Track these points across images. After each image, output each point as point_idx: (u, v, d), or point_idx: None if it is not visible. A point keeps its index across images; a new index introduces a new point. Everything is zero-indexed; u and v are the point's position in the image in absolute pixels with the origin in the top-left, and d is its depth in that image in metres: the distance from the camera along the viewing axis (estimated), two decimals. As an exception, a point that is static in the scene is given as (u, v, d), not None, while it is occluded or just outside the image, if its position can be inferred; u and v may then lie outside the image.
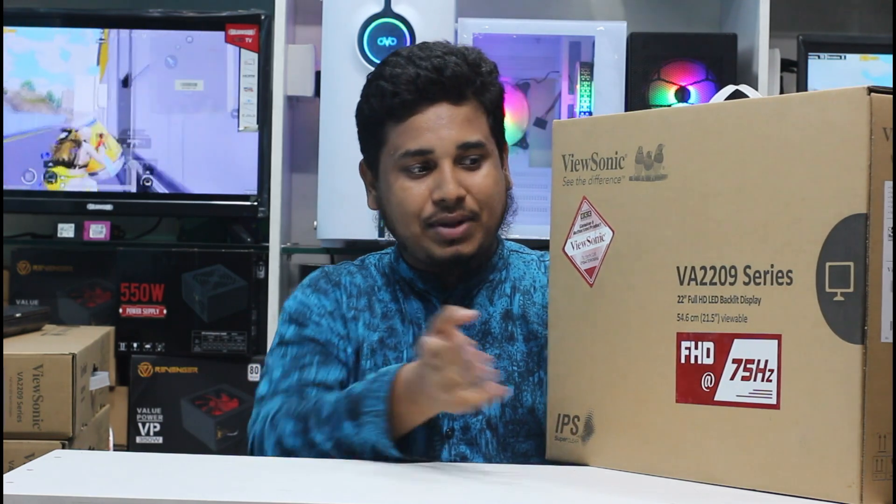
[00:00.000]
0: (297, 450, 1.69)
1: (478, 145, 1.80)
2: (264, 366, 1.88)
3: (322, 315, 1.86)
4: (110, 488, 1.41)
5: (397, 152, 1.80)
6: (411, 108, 1.79)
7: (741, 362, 1.47)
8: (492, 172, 1.82)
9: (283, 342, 1.86)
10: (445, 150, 1.79)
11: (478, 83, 1.81)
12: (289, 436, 1.70)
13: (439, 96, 1.79)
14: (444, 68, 1.78)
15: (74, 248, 3.49)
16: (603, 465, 1.61)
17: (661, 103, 3.29)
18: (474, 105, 1.82)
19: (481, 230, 1.82)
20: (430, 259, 1.83)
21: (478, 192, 1.80)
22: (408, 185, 1.81)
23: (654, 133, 1.56)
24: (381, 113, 1.81)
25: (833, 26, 3.68)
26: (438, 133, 1.79)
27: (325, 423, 1.67)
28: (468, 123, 1.80)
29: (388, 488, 1.48)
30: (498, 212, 1.84)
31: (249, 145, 3.42)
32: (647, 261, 1.54)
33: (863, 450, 1.35)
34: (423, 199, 1.80)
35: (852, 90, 1.38)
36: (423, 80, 1.78)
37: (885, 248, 1.36)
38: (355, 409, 1.64)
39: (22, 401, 2.48)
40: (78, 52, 3.45)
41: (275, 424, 1.73)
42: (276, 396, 1.79)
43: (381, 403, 1.62)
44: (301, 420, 1.70)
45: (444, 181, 1.78)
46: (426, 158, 1.79)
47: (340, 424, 1.65)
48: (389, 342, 1.85)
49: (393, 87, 1.79)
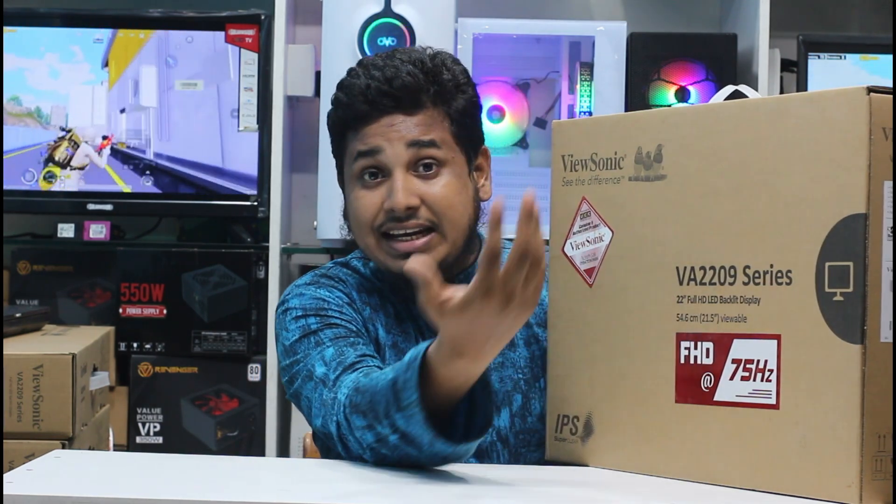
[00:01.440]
0: (374, 445, 1.54)
1: (431, 144, 1.76)
2: (292, 362, 1.74)
3: (341, 306, 1.78)
4: (110, 488, 1.41)
5: (351, 157, 1.78)
6: (365, 119, 1.76)
7: (741, 362, 1.47)
8: (451, 182, 1.77)
9: (309, 332, 1.74)
10: (396, 153, 1.75)
11: (431, 91, 1.77)
12: (362, 430, 1.56)
13: (391, 107, 1.76)
14: (395, 79, 1.75)
15: (74, 248, 3.50)
16: (603, 466, 1.61)
17: (661, 103, 3.29)
18: (431, 112, 1.77)
19: (444, 243, 1.76)
20: (388, 271, 1.79)
21: (433, 201, 1.75)
22: (361, 193, 1.78)
23: (654, 133, 1.56)
24: (339, 124, 1.80)
25: (833, 26, 3.68)
26: (387, 135, 1.76)
27: (384, 416, 1.52)
28: (423, 126, 1.76)
29: (388, 488, 1.48)
30: (462, 222, 1.78)
31: (249, 145, 3.43)
32: (646, 261, 1.54)
33: (862, 450, 1.35)
34: (376, 209, 1.76)
35: (852, 90, 1.38)
36: (374, 90, 1.75)
37: (884, 248, 1.36)
38: (399, 402, 1.49)
39: (22, 401, 2.48)
40: (79, 51, 3.46)
41: (349, 420, 1.59)
42: (345, 375, 1.65)
43: (413, 393, 1.47)
44: (363, 414, 1.55)
45: (394, 189, 1.74)
46: (377, 161, 1.76)
47: (393, 416, 1.50)
48: (404, 346, 1.81)
49: (347, 99, 1.78)
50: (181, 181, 3.44)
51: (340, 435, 1.61)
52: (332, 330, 1.73)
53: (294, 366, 1.74)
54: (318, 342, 1.72)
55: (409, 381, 1.47)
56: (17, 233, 3.56)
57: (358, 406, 1.56)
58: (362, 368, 1.66)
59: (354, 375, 1.64)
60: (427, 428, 1.46)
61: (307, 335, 1.74)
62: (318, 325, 1.74)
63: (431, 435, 1.47)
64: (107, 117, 3.45)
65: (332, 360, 1.68)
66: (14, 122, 3.44)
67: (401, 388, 1.48)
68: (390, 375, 1.51)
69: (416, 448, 1.50)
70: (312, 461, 1.82)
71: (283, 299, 1.81)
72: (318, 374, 1.69)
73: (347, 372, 1.66)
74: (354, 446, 1.59)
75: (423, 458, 1.51)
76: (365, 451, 1.57)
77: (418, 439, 1.48)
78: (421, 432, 1.47)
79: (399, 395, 1.48)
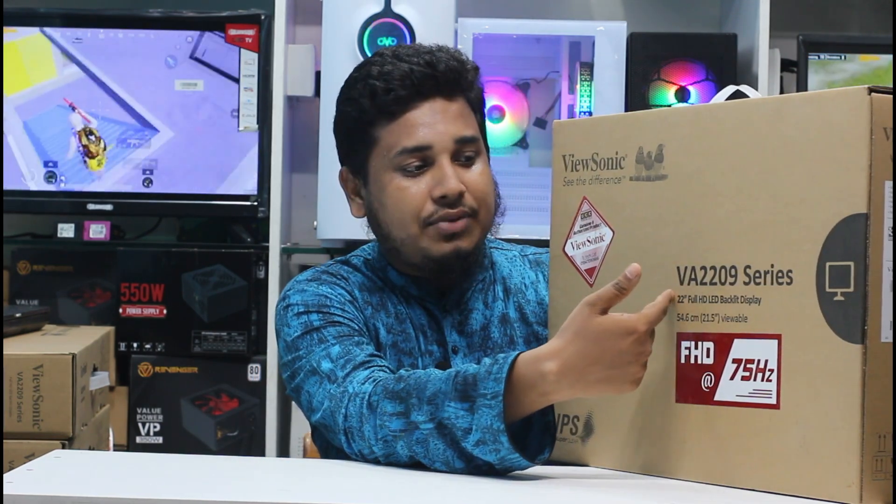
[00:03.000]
0: (397, 434, 1.56)
1: (473, 140, 1.79)
2: (294, 358, 1.74)
3: (343, 304, 1.78)
4: (110, 488, 1.41)
5: (392, 151, 1.77)
6: (405, 105, 1.77)
7: (741, 362, 1.46)
8: (486, 170, 1.81)
9: (312, 329, 1.74)
10: (444, 146, 1.77)
11: (468, 78, 1.81)
12: (390, 417, 1.56)
13: (433, 91, 1.77)
14: (438, 63, 1.77)
15: (74, 248, 3.50)
16: (603, 465, 1.61)
17: (661, 103, 3.29)
18: (464, 102, 1.81)
19: (479, 227, 1.79)
20: (426, 259, 1.78)
21: (475, 188, 1.78)
22: (405, 184, 1.77)
23: (654, 133, 1.56)
24: (372, 112, 1.78)
25: (833, 26, 3.68)
26: (435, 128, 1.77)
27: (427, 402, 1.54)
28: (462, 119, 1.79)
29: (388, 488, 1.48)
30: (493, 210, 1.83)
31: (249, 145, 3.43)
32: (647, 261, 1.54)
33: (862, 449, 1.35)
34: (423, 198, 1.77)
35: (852, 90, 1.37)
36: (418, 74, 1.76)
37: (885, 248, 1.36)
38: (466, 391, 1.51)
39: (22, 401, 2.48)
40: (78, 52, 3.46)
41: (373, 406, 1.59)
42: (355, 372, 1.66)
43: (499, 385, 1.49)
44: (400, 400, 1.56)
45: (446, 177, 1.76)
46: (424, 155, 1.77)
47: (446, 404, 1.52)
48: (404, 346, 1.82)
49: (385, 84, 1.77)
50: (181, 181, 3.44)
51: (347, 427, 1.61)
52: (335, 328, 1.74)
53: (296, 361, 1.74)
54: (321, 339, 1.72)
55: (493, 374, 1.49)
56: (17, 233, 3.56)
57: (395, 392, 1.57)
58: (373, 367, 1.67)
59: (367, 372, 1.65)
60: (502, 420, 1.48)
61: (309, 331, 1.74)
62: (320, 321, 1.74)
63: (500, 430, 1.48)
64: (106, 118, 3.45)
65: (339, 357, 1.69)
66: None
67: (482, 377, 1.50)
68: (450, 371, 1.55)
69: (447, 442, 1.51)
70: (312, 461, 1.82)
71: (285, 295, 1.81)
72: (323, 369, 1.69)
73: (358, 369, 1.66)
74: (361, 439, 1.60)
75: (440, 456, 1.53)
76: (375, 444, 1.58)
77: (468, 433, 1.49)
78: (490, 422, 1.48)
79: (476, 384, 1.50)
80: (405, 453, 1.56)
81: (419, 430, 1.53)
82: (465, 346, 1.84)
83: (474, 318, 1.85)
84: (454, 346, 1.83)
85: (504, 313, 1.86)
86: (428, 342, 1.83)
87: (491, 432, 1.48)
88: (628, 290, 1.47)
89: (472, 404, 1.50)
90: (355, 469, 1.58)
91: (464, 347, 1.84)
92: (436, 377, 1.55)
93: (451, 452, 1.52)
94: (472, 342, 1.84)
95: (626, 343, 1.46)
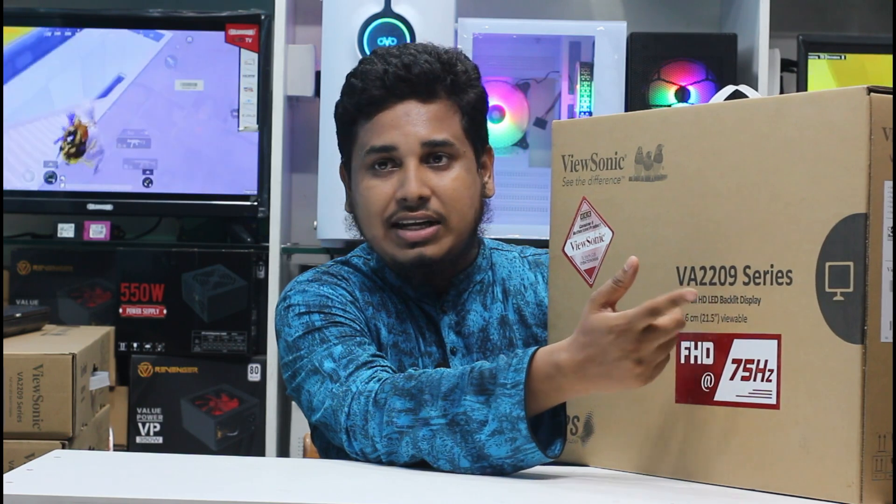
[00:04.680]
0: (403, 430, 1.56)
1: (444, 143, 1.78)
2: (295, 358, 1.74)
3: (344, 304, 1.78)
4: (110, 488, 1.41)
5: (363, 150, 1.79)
6: (379, 105, 1.77)
7: (741, 362, 1.47)
8: (461, 175, 1.79)
9: (313, 329, 1.74)
10: (409, 148, 1.76)
11: (448, 81, 1.79)
12: (398, 413, 1.56)
13: (407, 93, 1.77)
14: (413, 65, 1.77)
15: (74, 248, 3.50)
16: (603, 466, 1.61)
17: (661, 103, 3.29)
18: (446, 104, 1.79)
19: (450, 235, 1.78)
20: (393, 262, 1.80)
21: (443, 193, 1.77)
22: (373, 183, 1.78)
23: (654, 133, 1.56)
24: (352, 110, 1.80)
25: (833, 26, 3.68)
26: (403, 129, 1.77)
27: (443, 397, 1.54)
28: (436, 121, 1.78)
29: (387, 488, 1.48)
30: (469, 216, 1.80)
31: (249, 145, 3.43)
32: (646, 261, 1.54)
33: (862, 449, 1.35)
34: (387, 198, 1.77)
35: (852, 90, 1.38)
36: (392, 76, 1.76)
37: (884, 248, 1.36)
38: (483, 385, 1.51)
39: (22, 401, 2.48)
40: (79, 52, 3.46)
41: (380, 403, 1.59)
42: (358, 371, 1.67)
43: (520, 374, 1.49)
44: (411, 397, 1.56)
45: (407, 179, 1.75)
46: (390, 155, 1.77)
47: (462, 399, 1.52)
48: (405, 347, 1.82)
49: (362, 84, 1.78)
50: (181, 181, 3.44)
51: (349, 426, 1.62)
52: (337, 328, 1.74)
53: (297, 361, 1.74)
54: (323, 339, 1.73)
55: (514, 365, 1.50)
56: (17, 233, 3.56)
57: (406, 389, 1.57)
58: (376, 367, 1.67)
59: (371, 372, 1.66)
60: (522, 408, 1.48)
61: (311, 332, 1.74)
62: (322, 322, 1.75)
63: (519, 417, 1.48)
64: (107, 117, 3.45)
65: (342, 357, 1.69)
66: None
67: (502, 367, 1.51)
68: (464, 367, 1.55)
69: (455, 439, 1.51)
70: (312, 461, 1.82)
71: (285, 295, 1.81)
72: (326, 369, 1.69)
73: (361, 369, 1.67)
74: (364, 437, 1.60)
75: (446, 454, 1.52)
76: (379, 441, 1.58)
77: (483, 424, 1.49)
78: (509, 409, 1.48)
79: (495, 376, 1.50)
80: (408, 451, 1.56)
81: (428, 427, 1.53)
82: (462, 346, 1.84)
83: (472, 320, 1.85)
84: (452, 346, 1.83)
85: (503, 315, 1.86)
86: (427, 343, 1.83)
87: (509, 420, 1.48)
88: (626, 283, 1.46)
89: (489, 396, 1.50)
90: (355, 469, 1.58)
91: (462, 348, 1.84)
92: (449, 374, 1.56)
93: (457, 450, 1.52)
94: (469, 343, 1.84)
95: (609, 339, 1.45)
